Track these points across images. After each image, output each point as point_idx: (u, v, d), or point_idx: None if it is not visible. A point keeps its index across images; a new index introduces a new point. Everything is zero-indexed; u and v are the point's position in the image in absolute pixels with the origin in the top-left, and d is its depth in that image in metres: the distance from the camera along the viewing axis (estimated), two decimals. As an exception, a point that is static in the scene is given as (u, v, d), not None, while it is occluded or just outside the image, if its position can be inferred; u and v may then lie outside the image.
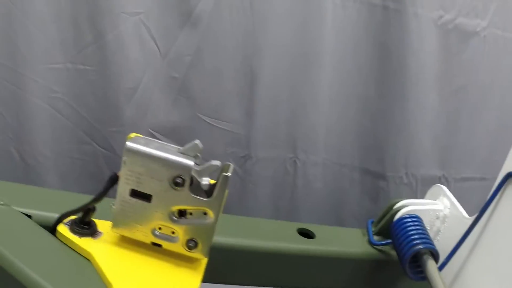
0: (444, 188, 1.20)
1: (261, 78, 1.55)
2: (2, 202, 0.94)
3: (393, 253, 1.16)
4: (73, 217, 0.91)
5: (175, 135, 1.56)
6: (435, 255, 1.09)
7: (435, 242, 1.15)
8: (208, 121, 1.58)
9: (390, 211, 1.20)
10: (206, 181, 0.85)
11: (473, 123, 1.65)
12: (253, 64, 1.54)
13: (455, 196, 1.18)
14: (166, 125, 1.57)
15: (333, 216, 1.70)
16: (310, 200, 1.69)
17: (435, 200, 1.21)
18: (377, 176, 1.68)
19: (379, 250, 1.19)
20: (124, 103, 1.54)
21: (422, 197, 1.25)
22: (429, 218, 1.18)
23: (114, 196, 0.88)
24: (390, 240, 1.17)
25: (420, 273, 1.09)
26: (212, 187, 0.85)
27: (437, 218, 1.18)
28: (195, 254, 0.88)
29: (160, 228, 0.87)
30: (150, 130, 1.56)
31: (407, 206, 1.18)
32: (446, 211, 1.17)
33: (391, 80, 1.58)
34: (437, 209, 1.18)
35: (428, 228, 1.16)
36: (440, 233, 1.17)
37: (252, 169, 1.64)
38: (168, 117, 1.57)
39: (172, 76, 1.54)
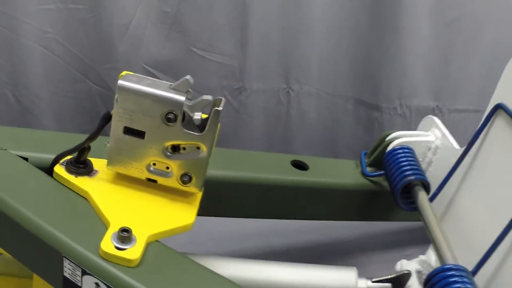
0: (436, 119, 1.19)
1: (253, 10, 1.52)
2: None
3: (386, 184, 1.16)
4: (69, 157, 0.90)
5: (169, 69, 1.54)
6: (426, 186, 1.09)
7: (428, 173, 1.14)
8: (202, 54, 1.56)
9: (383, 142, 1.20)
10: (198, 115, 0.85)
11: (467, 54, 1.62)
12: (245, -4, 1.52)
13: (448, 128, 1.18)
14: (160, 59, 1.55)
15: (327, 147, 1.70)
16: (304, 130, 1.68)
17: (427, 131, 1.20)
18: (371, 107, 1.66)
19: (372, 181, 1.19)
20: (117, 40, 1.52)
21: (417, 128, 1.25)
22: (421, 150, 1.17)
23: (109, 135, 0.88)
24: (383, 172, 1.17)
25: (412, 204, 1.09)
26: (204, 121, 0.84)
27: (429, 149, 1.17)
28: (189, 188, 0.88)
29: (154, 164, 0.87)
30: (144, 65, 1.54)
31: (399, 138, 1.17)
32: (438, 142, 1.17)
33: (384, 12, 1.55)
34: (428, 141, 1.18)
35: (420, 159, 1.16)
36: (432, 164, 1.17)
37: (247, 100, 1.63)
38: (161, 51, 1.55)
39: (164, 10, 1.51)
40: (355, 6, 1.55)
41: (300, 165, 1.17)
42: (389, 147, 1.16)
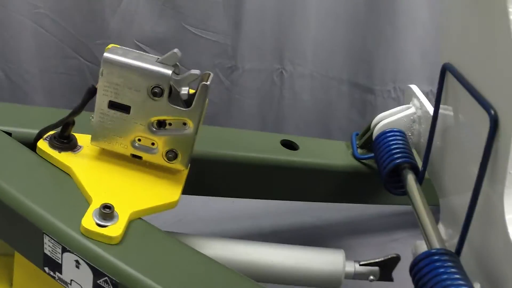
0: (414, 87, 1.13)
1: (248, -12, 1.50)
2: None
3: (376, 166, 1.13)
4: (53, 132, 0.88)
5: (161, 46, 1.51)
6: (415, 169, 1.06)
7: (420, 145, 1.10)
8: (195, 31, 1.53)
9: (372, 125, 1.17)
10: (185, 90, 0.82)
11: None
12: (241, -27, 1.49)
13: None
14: (152, 36, 1.52)
15: (320, 128, 1.67)
16: (297, 111, 1.66)
17: (409, 103, 1.15)
18: (365, 89, 1.64)
19: (363, 163, 1.16)
20: (109, 15, 1.49)
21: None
22: (407, 124, 1.11)
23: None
24: (373, 154, 1.13)
25: (402, 188, 1.05)
26: (191, 97, 0.82)
27: (414, 121, 1.13)
28: (175, 165, 0.85)
29: (139, 140, 0.84)
30: (136, 41, 1.51)
31: (385, 119, 1.13)
32: (419, 112, 1.12)
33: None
34: (410, 113, 1.13)
35: (409, 133, 1.11)
36: (421, 135, 1.13)
37: (239, 80, 1.60)
38: (154, 28, 1.52)
39: None
40: None
41: (290, 145, 1.14)
42: (376, 130, 1.12)
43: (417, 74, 1.61)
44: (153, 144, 0.84)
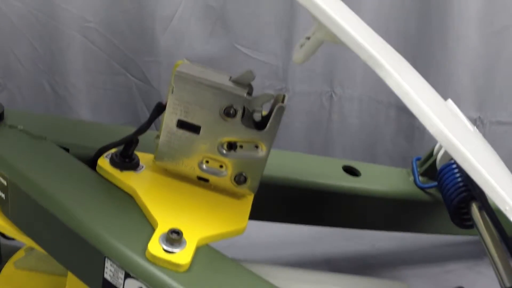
0: (450, 102, 1.05)
1: (300, 10, 1.44)
2: (37, 135, 0.86)
3: (438, 195, 1.06)
4: (114, 150, 0.82)
5: (211, 65, 1.45)
6: (483, 201, 0.99)
7: None
8: (246, 52, 1.49)
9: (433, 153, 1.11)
10: (258, 112, 0.76)
11: (513, 66, 1.55)
12: (293, -5, 1.43)
13: (490, 140, 1.04)
14: (202, 55, 1.47)
15: (367, 153, 1.62)
16: (344, 135, 1.61)
17: None
18: (413, 114, 1.57)
19: (425, 192, 1.10)
20: (159, 33, 1.45)
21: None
22: None
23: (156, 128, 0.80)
24: (436, 183, 1.07)
25: (469, 220, 0.99)
26: (264, 118, 0.76)
27: None
28: (243, 189, 0.79)
29: (207, 162, 0.78)
30: (186, 60, 1.47)
31: (442, 148, 1.07)
32: None
33: (433, 16, 1.47)
34: None
35: None
36: None
37: (288, 102, 1.53)
38: (204, 47, 1.48)
39: (210, 4, 1.44)
40: (404, 10, 1.48)
41: (351, 171, 1.09)
42: (439, 159, 1.07)
43: (466, 100, 1.55)
44: (221, 166, 0.78)
